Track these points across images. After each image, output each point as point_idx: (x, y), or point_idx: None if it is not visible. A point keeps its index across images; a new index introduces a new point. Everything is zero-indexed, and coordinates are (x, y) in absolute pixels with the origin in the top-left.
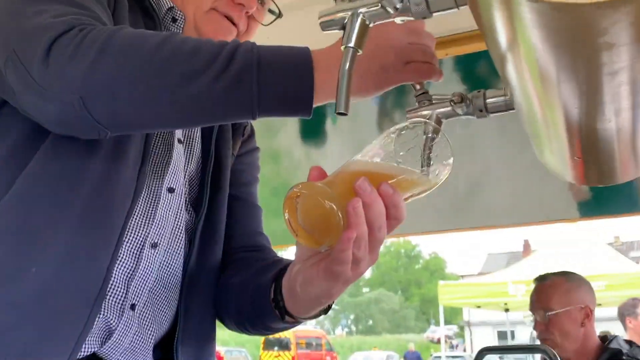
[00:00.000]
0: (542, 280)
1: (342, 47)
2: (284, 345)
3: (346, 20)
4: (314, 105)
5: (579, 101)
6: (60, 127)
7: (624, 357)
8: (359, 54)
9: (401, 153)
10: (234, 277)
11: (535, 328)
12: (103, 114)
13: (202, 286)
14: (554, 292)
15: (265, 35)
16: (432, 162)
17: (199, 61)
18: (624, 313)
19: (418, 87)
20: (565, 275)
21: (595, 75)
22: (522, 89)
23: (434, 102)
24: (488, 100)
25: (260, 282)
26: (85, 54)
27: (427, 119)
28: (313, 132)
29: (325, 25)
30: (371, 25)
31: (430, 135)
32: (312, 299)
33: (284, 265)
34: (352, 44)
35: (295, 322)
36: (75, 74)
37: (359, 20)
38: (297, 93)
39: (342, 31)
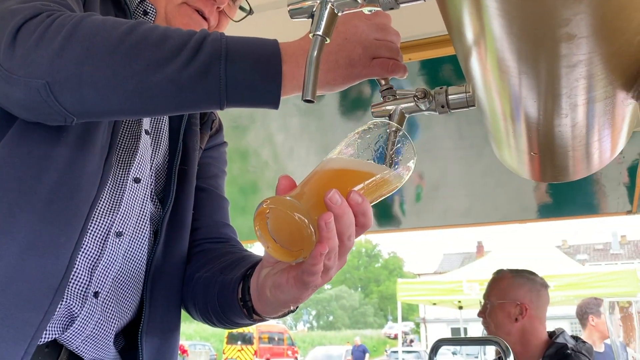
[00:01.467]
0: (496, 274)
1: (311, 35)
2: (247, 340)
3: (315, 8)
4: (282, 97)
5: (537, 94)
6: (26, 113)
7: (569, 351)
8: (326, 42)
9: (365, 154)
10: (200, 270)
11: (478, 314)
12: (69, 100)
13: (168, 277)
14: (496, 286)
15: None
16: (396, 161)
17: (167, 49)
18: (587, 311)
19: (383, 82)
20: (515, 272)
21: (554, 67)
22: (485, 82)
23: (398, 97)
24: (450, 97)
25: (227, 279)
26: (52, 40)
27: (391, 113)
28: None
29: (294, 13)
30: (339, 14)
31: (392, 134)
32: (281, 303)
33: (251, 264)
34: (320, 32)
35: (262, 319)
36: (42, 59)
37: (328, 8)
38: (265, 84)
39: (310, 20)
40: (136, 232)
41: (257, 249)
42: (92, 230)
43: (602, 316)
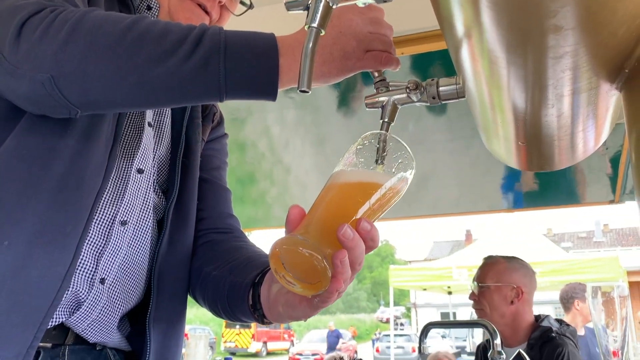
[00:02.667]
0: (488, 259)
1: (306, 27)
2: (245, 324)
3: (310, 1)
4: (279, 89)
5: (525, 85)
6: (31, 106)
7: (553, 334)
8: (322, 35)
9: (366, 168)
10: (209, 265)
11: (470, 297)
12: (73, 93)
13: (174, 265)
14: (491, 269)
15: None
16: (396, 170)
17: (167, 43)
18: (573, 295)
19: (376, 74)
20: (508, 258)
21: (541, 58)
22: (475, 74)
23: (390, 89)
24: (441, 88)
25: (236, 282)
26: (56, 34)
27: (384, 104)
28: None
29: (290, 6)
30: (334, 6)
31: (385, 144)
32: (292, 318)
33: (260, 271)
34: (315, 25)
35: (270, 322)
36: (46, 53)
37: (323, 1)
38: (263, 77)
39: (305, 12)
40: (140, 221)
41: (255, 236)
42: (97, 219)
43: (587, 300)
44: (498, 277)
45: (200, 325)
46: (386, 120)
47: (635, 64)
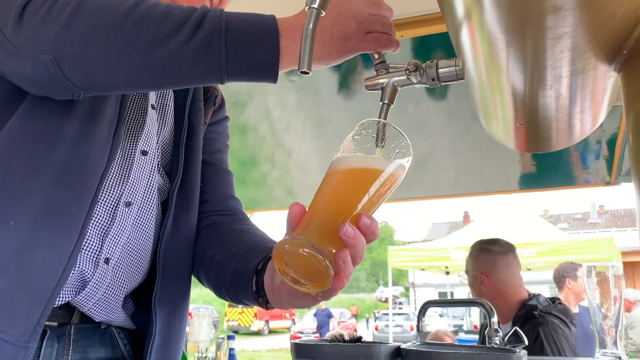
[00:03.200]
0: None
1: (306, 8)
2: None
3: None
4: (280, 71)
5: (523, 66)
6: (34, 87)
7: (535, 312)
8: (322, 16)
9: (363, 155)
10: (212, 249)
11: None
12: (75, 75)
13: (179, 247)
14: (467, 260)
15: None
16: (394, 158)
17: (169, 26)
18: (565, 275)
19: (376, 56)
20: (477, 245)
21: (540, 39)
22: (474, 55)
23: (390, 70)
24: (440, 70)
25: (239, 268)
26: (58, 16)
27: (384, 86)
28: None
29: None
30: None
31: (382, 131)
32: (296, 306)
33: (262, 258)
34: (315, 5)
35: (273, 307)
36: (48, 34)
37: None
38: (264, 58)
39: None
40: (144, 202)
41: (257, 218)
42: (102, 200)
43: (578, 279)
44: (468, 267)
45: (203, 304)
46: (386, 102)
47: (634, 46)
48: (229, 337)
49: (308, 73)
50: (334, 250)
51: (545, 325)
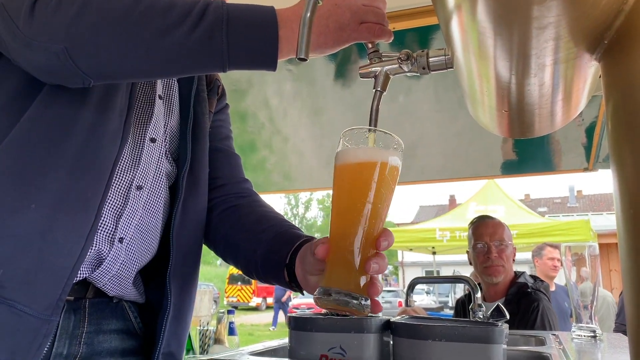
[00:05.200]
0: (491, 219)
1: None
2: (246, 280)
3: None
4: (279, 60)
5: (509, 55)
6: (47, 76)
7: (529, 289)
8: (319, 5)
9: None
10: (237, 235)
11: (485, 255)
12: (86, 64)
13: (190, 228)
14: (504, 229)
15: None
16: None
17: (173, 16)
18: (533, 255)
19: (370, 45)
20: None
21: (526, 29)
22: (463, 44)
23: (383, 59)
24: (431, 59)
25: (268, 257)
26: (69, 7)
27: (377, 74)
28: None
29: None
30: None
31: (370, 134)
32: None
33: (289, 250)
34: None
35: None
36: (60, 25)
37: None
38: (263, 48)
39: None
40: (154, 186)
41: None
42: (115, 184)
43: (543, 258)
44: (510, 236)
45: (204, 282)
46: (379, 89)
47: (614, 36)
48: (229, 312)
49: (306, 60)
50: (362, 284)
51: (541, 302)
